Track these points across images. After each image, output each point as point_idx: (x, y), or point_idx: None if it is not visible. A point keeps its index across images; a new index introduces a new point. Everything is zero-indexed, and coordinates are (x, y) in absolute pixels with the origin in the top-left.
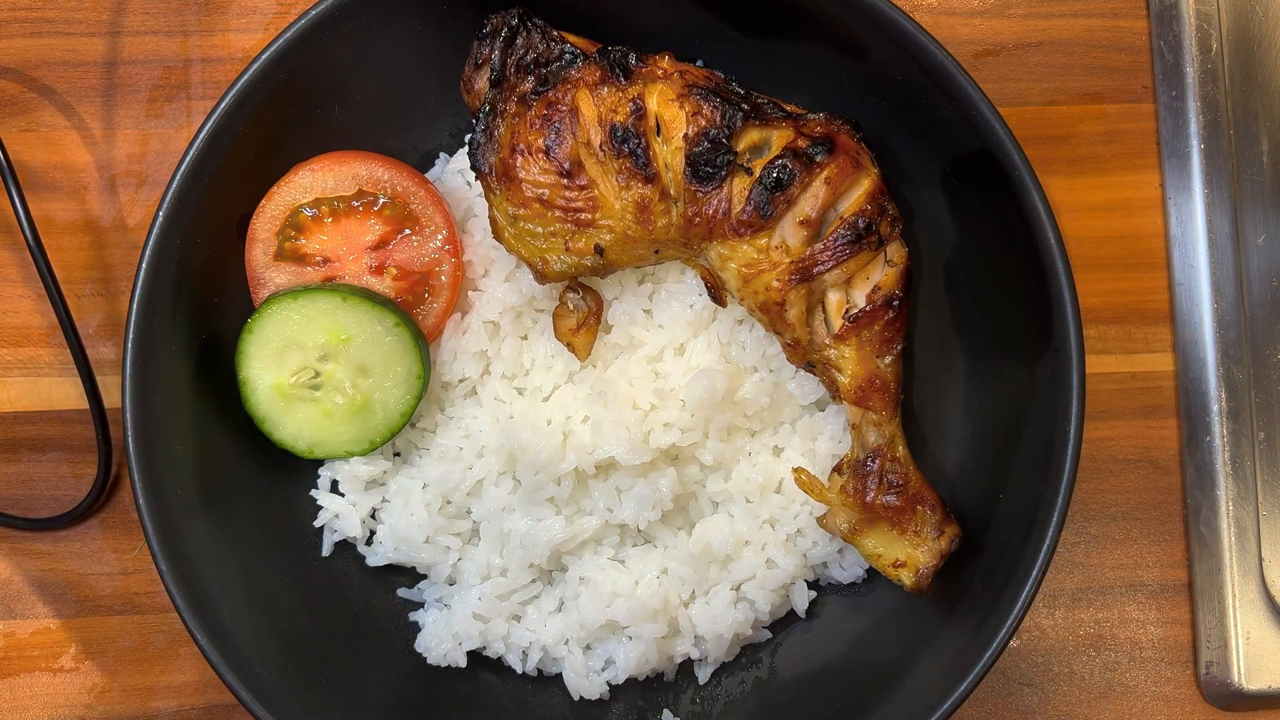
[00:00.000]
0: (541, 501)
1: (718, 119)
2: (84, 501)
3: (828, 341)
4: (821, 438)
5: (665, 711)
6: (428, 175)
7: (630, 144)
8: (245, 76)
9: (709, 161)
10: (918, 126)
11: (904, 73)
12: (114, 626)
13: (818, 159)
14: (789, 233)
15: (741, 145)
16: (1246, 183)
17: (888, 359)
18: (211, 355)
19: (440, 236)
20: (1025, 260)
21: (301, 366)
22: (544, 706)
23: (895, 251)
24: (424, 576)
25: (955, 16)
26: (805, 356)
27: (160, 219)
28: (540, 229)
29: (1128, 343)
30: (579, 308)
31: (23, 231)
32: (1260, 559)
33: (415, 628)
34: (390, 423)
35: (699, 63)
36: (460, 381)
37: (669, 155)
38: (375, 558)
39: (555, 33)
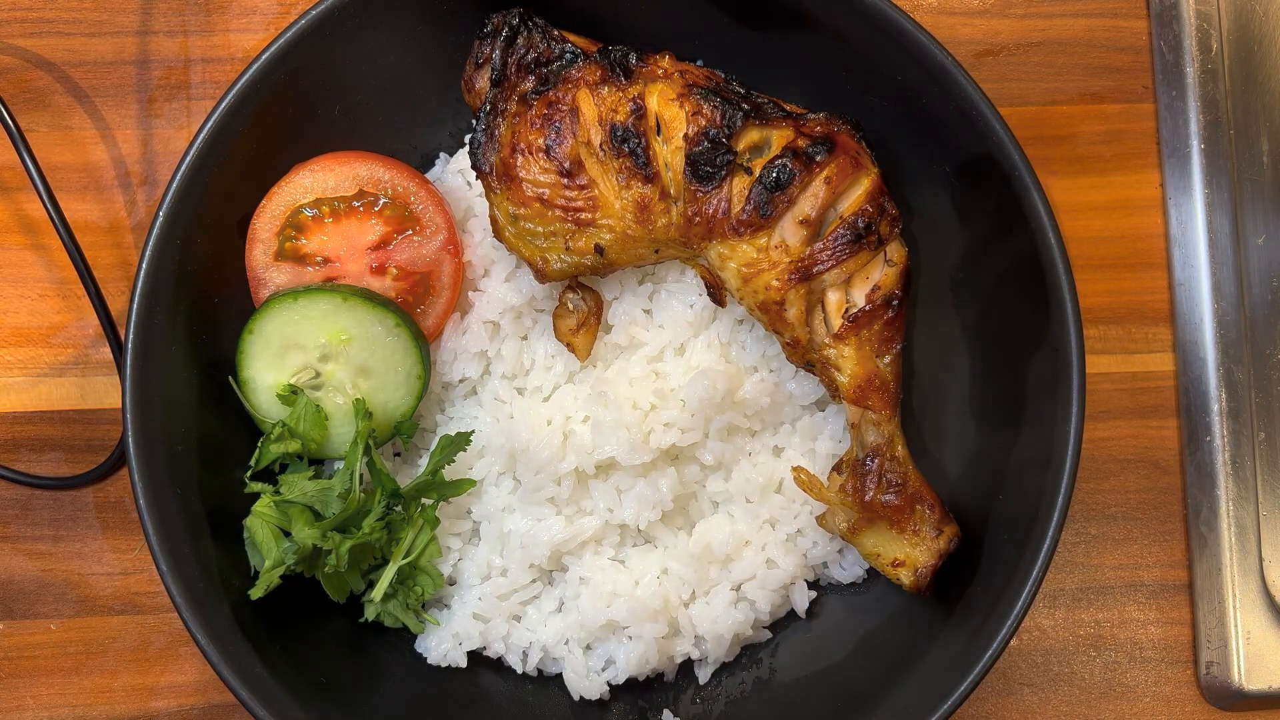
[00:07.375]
0: (541, 501)
1: (718, 119)
2: (110, 457)
3: (827, 341)
4: (821, 438)
5: (665, 711)
6: (428, 175)
7: (630, 143)
8: (245, 76)
9: (709, 161)
10: (918, 126)
11: (904, 73)
12: (114, 626)
13: (818, 158)
14: (789, 232)
15: (741, 145)
16: (1247, 183)
17: (887, 358)
18: (211, 355)
19: (441, 237)
20: (1025, 260)
21: (302, 367)
22: (544, 706)
23: (895, 251)
24: None
25: (955, 16)
26: (805, 356)
27: (160, 219)
28: (540, 228)
29: (1128, 343)
30: (579, 308)
31: (55, 226)
32: (1260, 559)
33: None
34: (390, 423)
35: (699, 63)
36: (460, 381)
37: (669, 155)
38: None
39: (556, 32)
